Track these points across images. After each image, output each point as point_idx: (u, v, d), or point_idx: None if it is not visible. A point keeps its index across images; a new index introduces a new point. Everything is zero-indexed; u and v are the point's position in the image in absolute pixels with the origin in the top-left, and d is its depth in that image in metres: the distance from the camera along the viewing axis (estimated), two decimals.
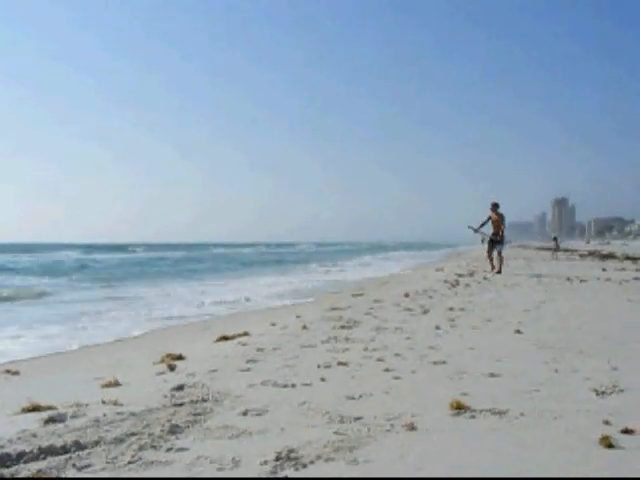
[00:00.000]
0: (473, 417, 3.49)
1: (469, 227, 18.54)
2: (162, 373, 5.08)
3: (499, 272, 17.14)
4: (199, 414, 3.64)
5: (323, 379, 4.54)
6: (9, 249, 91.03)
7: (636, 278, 14.95)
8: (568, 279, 14.91)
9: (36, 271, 34.64)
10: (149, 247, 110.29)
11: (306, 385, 4.38)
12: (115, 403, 3.93)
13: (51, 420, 3.55)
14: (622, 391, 4.02)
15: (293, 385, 4.38)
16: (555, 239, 40.77)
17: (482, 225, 17.92)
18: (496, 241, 17.54)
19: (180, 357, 5.76)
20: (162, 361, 5.61)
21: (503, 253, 18.05)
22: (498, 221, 17.49)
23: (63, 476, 2.72)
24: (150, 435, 3.23)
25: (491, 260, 17.63)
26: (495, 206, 17.61)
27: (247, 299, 15.18)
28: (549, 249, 43.52)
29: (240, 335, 7.15)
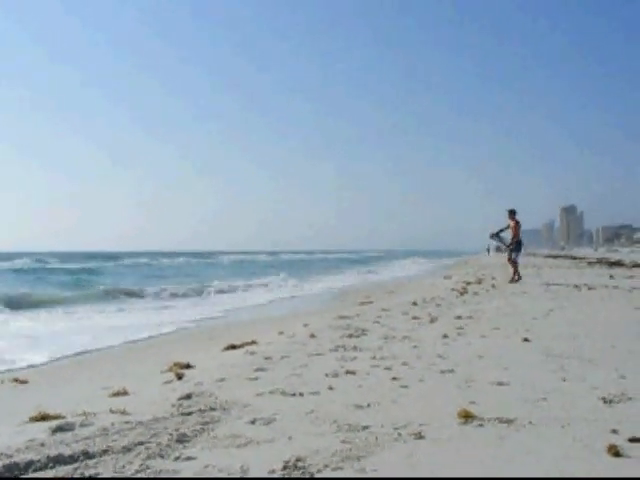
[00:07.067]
0: (481, 426, 3.49)
1: (490, 236, 18.33)
2: (170, 382, 5.09)
3: (519, 279, 17.11)
4: (207, 423, 3.64)
5: (331, 388, 4.54)
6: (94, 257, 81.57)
7: None
8: (576, 287, 14.86)
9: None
10: (196, 254, 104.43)
11: (314, 394, 4.38)
12: (123, 412, 3.94)
13: (59, 429, 3.56)
14: (630, 399, 4.00)
15: (301, 394, 4.38)
16: None
17: (500, 231, 17.81)
18: (514, 249, 17.46)
19: (188, 366, 5.77)
20: (170, 370, 5.62)
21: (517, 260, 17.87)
22: (515, 228, 17.42)
23: None
24: (158, 444, 3.24)
25: (515, 267, 17.55)
26: (512, 213, 17.51)
27: None
28: (557, 257, 42.58)
29: (248, 344, 7.16)
